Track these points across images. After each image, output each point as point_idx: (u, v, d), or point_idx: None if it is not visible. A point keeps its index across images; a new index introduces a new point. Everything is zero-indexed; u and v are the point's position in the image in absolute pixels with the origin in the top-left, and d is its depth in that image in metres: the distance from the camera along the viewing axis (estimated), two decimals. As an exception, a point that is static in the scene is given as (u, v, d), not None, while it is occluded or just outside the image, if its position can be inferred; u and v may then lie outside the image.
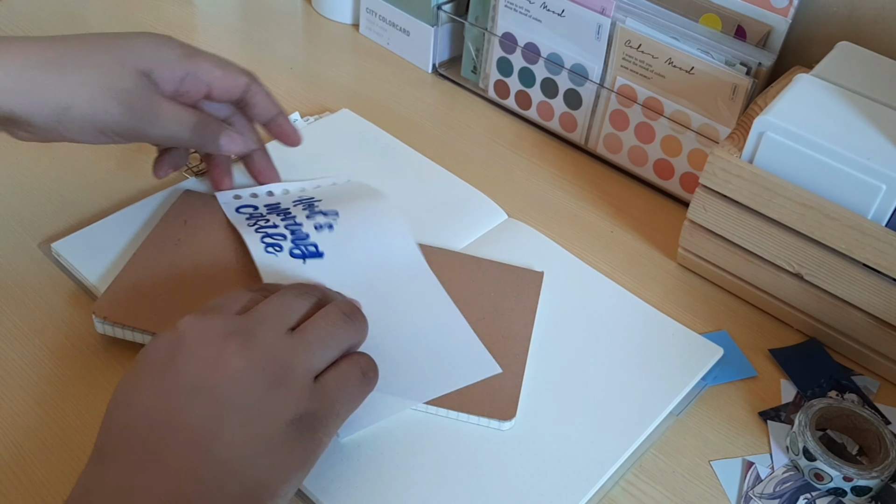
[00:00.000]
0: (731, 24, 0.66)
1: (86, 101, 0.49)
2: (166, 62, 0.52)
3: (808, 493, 0.50)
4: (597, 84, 0.72)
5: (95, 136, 0.50)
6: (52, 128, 0.49)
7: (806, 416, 0.51)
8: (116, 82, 0.49)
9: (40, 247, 0.60)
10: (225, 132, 0.54)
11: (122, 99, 0.49)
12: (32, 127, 0.49)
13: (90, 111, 0.49)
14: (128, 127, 0.50)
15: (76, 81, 0.48)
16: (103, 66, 0.49)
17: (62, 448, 0.48)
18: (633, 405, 0.52)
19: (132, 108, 0.50)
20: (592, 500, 0.48)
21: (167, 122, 0.52)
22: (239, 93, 0.56)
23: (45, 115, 0.48)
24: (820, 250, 0.55)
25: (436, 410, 0.50)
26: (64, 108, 0.48)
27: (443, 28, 0.81)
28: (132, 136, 0.51)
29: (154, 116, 0.51)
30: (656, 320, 0.58)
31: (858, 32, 0.66)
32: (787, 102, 0.55)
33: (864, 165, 0.51)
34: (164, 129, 0.52)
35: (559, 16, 0.70)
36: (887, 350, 0.56)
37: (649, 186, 0.72)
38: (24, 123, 0.49)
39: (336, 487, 0.46)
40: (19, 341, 0.54)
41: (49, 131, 0.49)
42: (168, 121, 0.52)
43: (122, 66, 0.50)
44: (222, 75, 0.54)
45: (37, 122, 0.48)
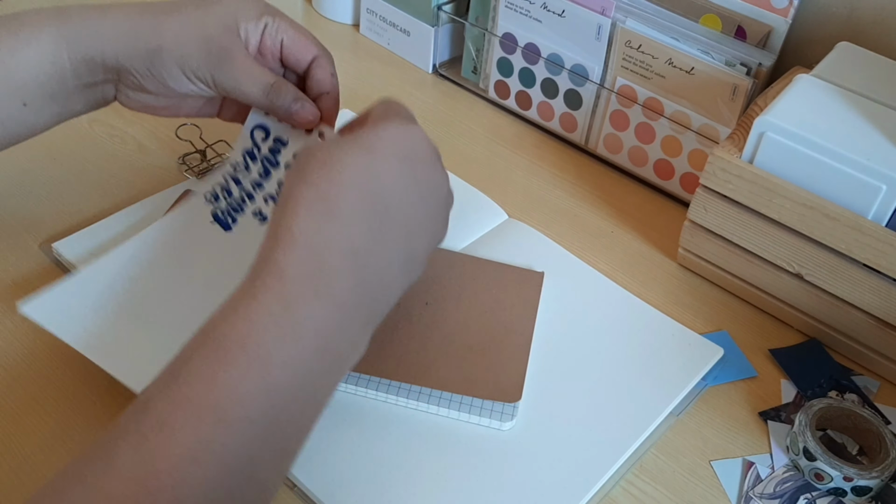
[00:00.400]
0: (731, 24, 0.66)
1: (173, 43, 0.52)
2: (250, 16, 0.55)
3: (808, 493, 0.50)
4: (597, 84, 0.72)
5: (181, 80, 0.54)
6: (148, 72, 0.53)
7: (806, 416, 0.51)
8: (201, 29, 0.53)
9: (41, 247, 0.60)
10: (299, 99, 0.55)
11: (203, 44, 0.53)
12: (133, 75, 0.53)
13: (176, 52, 0.52)
14: (206, 73, 0.53)
15: (167, 27, 0.53)
16: (192, 14, 0.53)
17: (62, 448, 0.48)
18: (634, 405, 0.52)
19: (211, 54, 0.53)
20: (593, 500, 0.48)
21: (241, 73, 0.53)
22: (308, 60, 0.57)
23: (141, 58, 0.53)
24: (820, 250, 0.55)
25: (437, 409, 0.50)
26: (155, 51, 0.52)
27: (443, 28, 0.81)
28: (211, 83, 0.54)
29: (230, 66, 0.53)
30: (656, 320, 0.58)
31: (858, 33, 0.66)
32: (788, 103, 0.55)
33: (864, 166, 0.51)
34: (237, 83, 0.54)
35: (559, 16, 0.71)
36: (887, 350, 0.56)
37: (649, 186, 0.72)
38: (126, 72, 0.53)
39: (336, 487, 0.46)
40: (19, 341, 0.54)
41: (146, 77, 0.53)
42: (243, 73, 0.53)
43: (207, 15, 0.54)
44: (296, 35, 0.56)
45: (136, 67, 0.53)
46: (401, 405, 0.51)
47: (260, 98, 0.54)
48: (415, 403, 0.50)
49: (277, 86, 0.54)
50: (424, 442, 0.49)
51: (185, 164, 0.66)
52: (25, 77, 0.52)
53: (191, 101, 0.58)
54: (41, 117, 0.54)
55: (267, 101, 0.54)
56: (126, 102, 0.56)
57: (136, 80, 0.54)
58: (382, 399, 0.51)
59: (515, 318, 0.55)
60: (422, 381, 0.50)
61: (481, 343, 0.53)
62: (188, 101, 0.58)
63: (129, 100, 0.56)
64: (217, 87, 0.54)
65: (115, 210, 0.61)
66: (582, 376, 0.54)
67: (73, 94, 0.54)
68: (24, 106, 0.53)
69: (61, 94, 0.54)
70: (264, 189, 0.58)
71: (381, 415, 0.50)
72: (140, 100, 0.56)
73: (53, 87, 0.53)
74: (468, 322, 0.55)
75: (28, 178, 0.65)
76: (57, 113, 0.55)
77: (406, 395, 0.51)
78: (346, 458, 0.48)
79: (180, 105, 0.58)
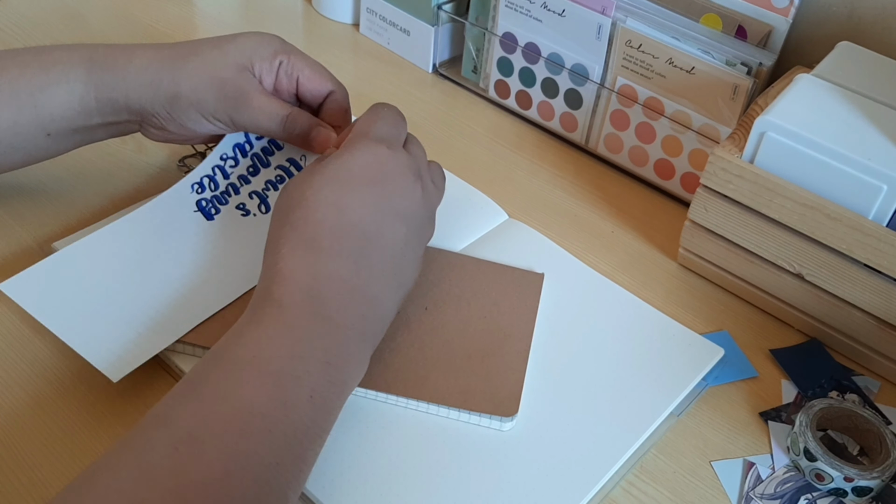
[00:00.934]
0: (731, 24, 0.66)
1: (190, 89, 0.55)
2: (265, 55, 0.57)
3: (808, 494, 0.50)
4: (597, 84, 0.72)
5: (201, 122, 0.56)
6: (169, 116, 0.56)
7: (807, 416, 0.51)
8: (217, 72, 0.55)
9: (41, 247, 0.60)
10: (316, 128, 0.57)
11: (219, 87, 0.55)
12: (156, 118, 0.56)
13: (193, 98, 0.55)
14: (223, 115, 0.56)
15: (184, 74, 0.55)
16: (208, 59, 0.56)
17: (62, 448, 0.48)
18: (634, 405, 0.52)
19: (227, 97, 0.55)
20: (593, 501, 0.48)
21: (258, 112, 0.56)
22: (324, 94, 0.59)
23: (162, 104, 0.55)
24: (821, 250, 0.55)
25: (437, 410, 0.50)
26: (174, 97, 0.55)
27: (443, 28, 0.81)
28: (229, 123, 0.57)
29: (245, 106, 0.55)
30: (657, 320, 0.58)
31: (859, 32, 0.66)
32: (788, 102, 0.55)
33: (865, 166, 0.51)
34: (254, 120, 0.56)
35: (560, 16, 0.70)
36: (888, 350, 0.56)
37: (650, 186, 0.72)
38: (149, 116, 0.56)
39: (336, 487, 0.46)
40: (19, 341, 0.54)
41: (168, 120, 0.56)
42: (258, 111, 0.56)
43: (224, 58, 0.56)
44: (311, 73, 0.58)
45: (158, 112, 0.56)
46: (400, 405, 0.51)
47: (278, 131, 0.56)
48: (414, 403, 0.50)
49: (293, 117, 0.56)
50: (424, 441, 0.49)
51: (185, 166, 0.66)
52: (53, 112, 0.55)
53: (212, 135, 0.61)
54: (63, 145, 0.58)
55: (285, 133, 0.56)
56: (149, 136, 0.59)
57: (158, 122, 0.57)
58: (382, 399, 0.51)
59: (515, 322, 0.55)
60: (419, 395, 0.50)
61: (480, 350, 0.53)
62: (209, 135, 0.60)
63: (153, 135, 0.59)
64: (235, 125, 0.57)
65: (115, 210, 0.61)
66: (582, 376, 0.54)
67: (97, 128, 0.58)
68: (47, 136, 0.56)
69: (85, 128, 0.57)
70: (250, 185, 0.59)
71: (381, 414, 0.50)
72: (163, 136, 0.59)
73: (78, 123, 0.56)
74: (467, 328, 0.55)
75: (28, 178, 0.65)
76: (79, 141, 0.59)
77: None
78: (346, 457, 0.48)
79: (204, 136, 0.60)
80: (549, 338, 0.56)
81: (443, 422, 0.50)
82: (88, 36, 0.83)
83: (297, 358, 0.43)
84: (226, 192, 0.59)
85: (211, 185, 0.59)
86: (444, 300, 0.56)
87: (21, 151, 0.56)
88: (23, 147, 0.56)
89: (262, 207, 0.59)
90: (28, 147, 0.56)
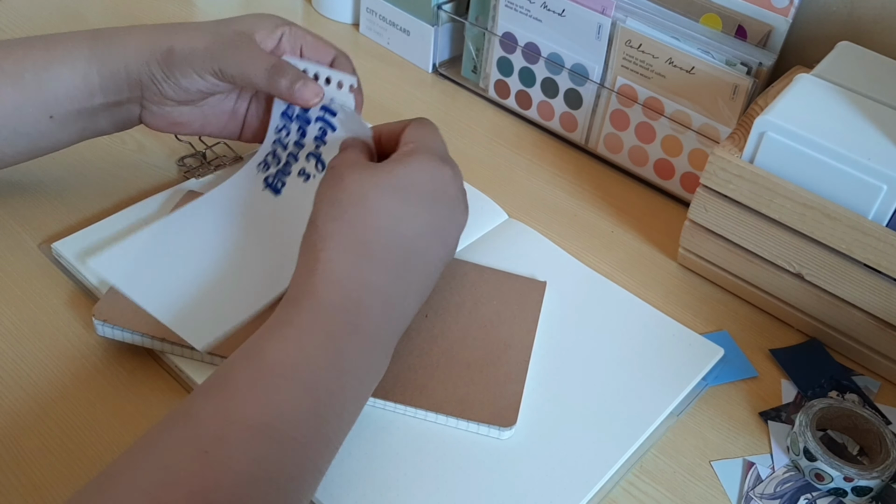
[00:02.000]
0: (731, 23, 0.66)
1: (183, 43, 0.55)
2: (266, 26, 0.57)
3: (808, 494, 0.50)
4: (597, 84, 0.72)
5: (193, 78, 0.55)
6: (163, 76, 0.55)
7: (806, 416, 0.51)
8: (213, 32, 0.56)
9: (40, 247, 0.60)
10: (301, 79, 0.55)
11: (211, 39, 0.55)
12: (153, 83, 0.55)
13: (186, 49, 0.55)
14: (213, 65, 0.55)
15: (180, 32, 0.56)
16: (207, 23, 0.57)
17: (62, 448, 0.48)
18: (634, 405, 0.52)
19: (217, 47, 0.55)
20: (593, 501, 0.48)
21: (245, 59, 0.55)
22: (328, 61, 0.59)
23: (157, 62, 0.55)
24: (820, 250, 0.55)
25: (435, 418, 0.50)
26: (167, 52, 0.55)
27: (443, 28, 0.81)
28: (218, 73, 0.55)
29: (234, 53, 0.55)
30: (657, 320, 0.58)
31: (858, 32, 0.66)
32: (788, 102, 0.55)
33: (864, 165, 0.51)
34: (240, 67, 0.55)
35: (559, 15, 0.70)
36: (888, 350, 0.56)
37: (650, 186, 0.72)
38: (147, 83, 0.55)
39: (337, 488, 0.46)
40: (19, 341, 0.54)
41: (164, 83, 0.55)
42: (246, 58, 0.55)
43: (222, 24, 0.57)
44: (314, 40, 0.59)
45: (154, 74, 0.55)
46: (399, 412, 0.50)
47: (262, 79, 0.55)
48: (413, 410, 0.50)
49: (278, 65, 0.55)
50: (425, 443, 0.49)
51: (184, 166, 0.66)
52: (56, 91, 0.55)
53: (212, 114, 0.60)
54: (66, 132, 0.57)
55: (270, 82, 0.55)
56: (151, 121, 0.59)
57: (156, 88, 0.56)
58: (381, 406, 0.51)
59: (515, 332, 0.55)
60: (418, 403, 0.50)
61: (480, 360, 0.53)
62: (210, 115, 0.60)
63: (154, 116, 0.58)
64: (224, 76, 0.55)
65: (115, 210, 0.61)
66: (582, 376, 0.54)
67: (100, 111, 0.57)
68: (50, 119, 0.56)
69: (88, 110, 0.57)
70: (304, 147, 0.59)
71: (381, 421, 0.50)
72: (163, 114, 0.58)
73: (81, 103, 0.56)
74: (467, 336, 0.54)
75: (28, 178, 0.65)
76: (82, 129, 0.58)
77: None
78: (346, 464, 0.48)
79: (204, 121, 0.60)
80: (549, 338, 0.56)
81: (442, 429, 0.50)
82: (88, 36, 0.83)
83: (333, 371, 0.43)
84: (287, 162, 0.60)
85: (274, 161, 0.60)
86: (444, 308, 0.56)
87: (25, 137, 0.56)
88: (26, 132, 0.55)
89: (319, 166, 0.59)
90: (31, 132, 0.55)
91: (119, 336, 0.52)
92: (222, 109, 0.60)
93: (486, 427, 0.50)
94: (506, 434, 0.50)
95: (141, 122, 0.59)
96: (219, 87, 0.56)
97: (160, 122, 0.59)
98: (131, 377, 0.52)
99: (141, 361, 0.53)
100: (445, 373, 0.52)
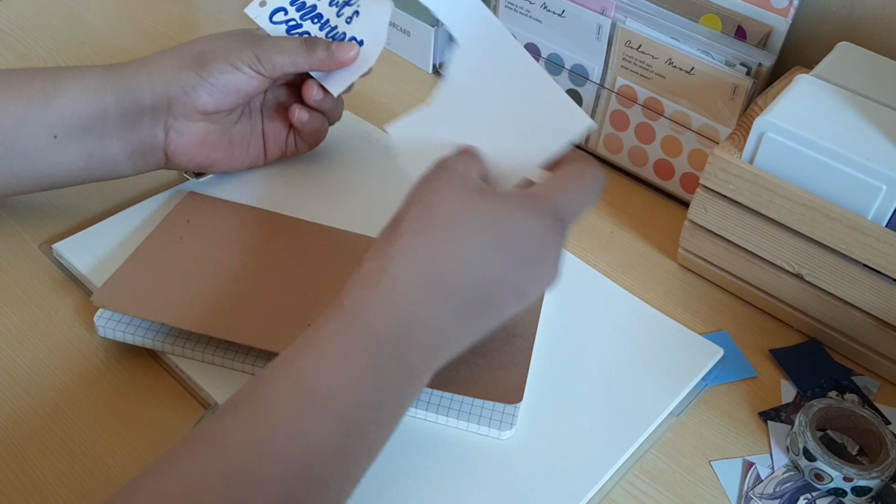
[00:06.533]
0: (731, 24, 0.66)
1: (213, 45, 0.57)
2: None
3: (808, 494, 0.50)
4: (597, 84, 0.72)
5: (230, 72, 0.56)
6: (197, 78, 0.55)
7: (806, 416, 0.51)
8: (238, 31, 0.59)
9: (41, 247, 0.60)
10: (334, 42, 0.59)
11: (240, 34, 0.58)
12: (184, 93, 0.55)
13: (217, 47, 0.56)
14: (249, 54, 0.56)
15: (204, 41, 0.57)
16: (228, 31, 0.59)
17: (62, 448, 0.48)
18: (634, 405, 0.52)
19: (248, 39, 0.57)
20: (593, 501, 0.48)
21: (279, 41, 0.58)
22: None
23: (189, 66, 0.56)
24: (820, 250, 0.55)
25: (435, 418, 0.50)
26: (199, 54, 0.56)
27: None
28: (256, 63, 0.57)
29: (267, 40, 0.58)
30: (656, 321, 0.58)
31: (858, 32, 0.66)
32: (788, 103, 0.55)
33: (864, 166, 0.51)
34: (278, 48, 0.57)
35: (559, 16, 0.71)
36: (887, 350, 0.56)
37: (649, 186, 0.72)
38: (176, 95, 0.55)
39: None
40: (20, 342, 0.54)
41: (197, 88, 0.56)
42: (279, 41, 0.58)
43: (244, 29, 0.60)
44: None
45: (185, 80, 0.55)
46: None
47: (301, 51, 0.58)
48: (413, 411, 0.50)
49: (311, 40, 0.59)
50: (424, 448, 0.49)
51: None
52: (62, 106, 0.53)
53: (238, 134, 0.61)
54: (68, 154, 0.54)
55: (309, 54, 0.58)
56: (178, 143, 0.57)
57: (188, 99, 0.56)
58: None
59: (519, 321, 0.55)
60: None
61: (484, 346, 0.53)
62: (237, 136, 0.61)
63: (181, 136, 0.57)
64: (262, 62, 0.57)
65: (115, 211, 0.61)
66: (582, 377, 0.54)
67: (112, 133, 0.55)
68: (53, 139, 0.54)
69: (97, 130, 0.54)
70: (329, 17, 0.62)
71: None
72: (192, 133, 0.57)
73: (89, 120, 0.54)
74: None
75: (28, 179, 0.65)
76: (88, 153, 0.55)
77: None
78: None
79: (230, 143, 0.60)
80: (548, 337, 0.56)
81: (442, 429, 0.50)
82: (88, 36, 0.83)
83: (371, 408, 0.40)
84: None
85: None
86: None
87: (22, 157, 0.53)
88: (24, 151, 0.53)
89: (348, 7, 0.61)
90: (30, 151, 0.53)
91: (120, 337, 0.52)
92: (243, 130, 0.61)
93: (486, 428, 0.50)
94: (506, 434, 0.50)
95: (165, 153, 0.57)
96: (254, 82, 0.57)
97: (187, 144, 0.57)
98: (132, 378, 0.52)
99: (142, 362, 0.53)
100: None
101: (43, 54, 0.80)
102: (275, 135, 0.64)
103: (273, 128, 0.63)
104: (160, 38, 0.84)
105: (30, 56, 0.80)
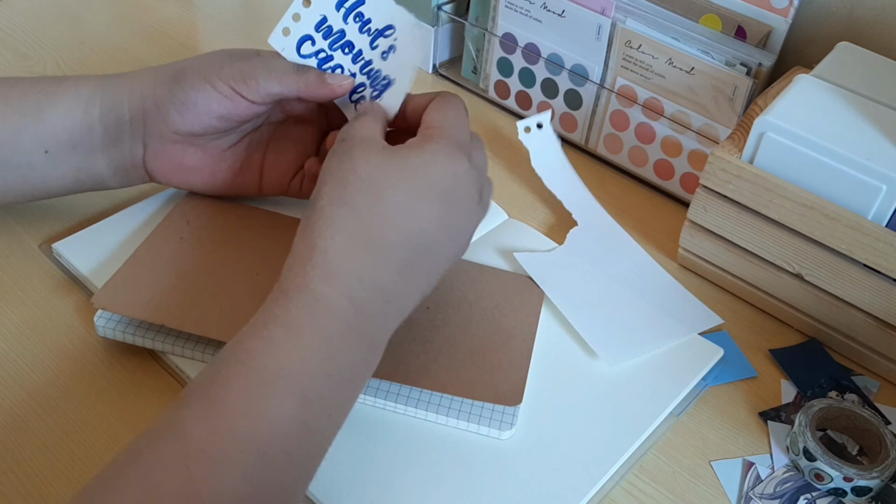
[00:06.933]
0: (731, 24, 0.66)
1: (195, 62, 0.53)
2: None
3: (808, 494, 0.50)
4: (597, 84, 0.72)
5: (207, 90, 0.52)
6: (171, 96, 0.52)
7: (806, 416, 0.51)
8: (227, 50, 0.54)
9: (41, 247, 0.60)
10: (322, 74, 0.53)
11: (226, 53, 0.53)
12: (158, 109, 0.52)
13: (198, 65, 0.52)
14: (233, 71, 0.52)
15: (191, 60, 0.54)
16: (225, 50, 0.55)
17: (62, 448, 0.48)
18: (634, 405, 0.52)
19: (234, 57, 0.53)
20: (593, 501, 0.48)
21: (273, 66, 0.52)
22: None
23: (165, 83, 0.53)
24: (820, 251, 0.55)
25: (435, 418, 0.50)
26: (178, 72, 0.53)
27: (443, 28, 0.81)
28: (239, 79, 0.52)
29: (255, 58, 0.53)
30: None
31: (858, 32, 0.66)
32: (788, 103, 0.55)
33: (864, 166, 0.51)
34: (272, 70, 0.52)
35: (559, 16, 0.71)
36: (887, 350, 0.56)
37: (649, 187, 0.72)
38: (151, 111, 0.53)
39: (337, 488, 0.46)
40: (19, 341, 0.54)
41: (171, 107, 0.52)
42: (274, 65, 0.52)
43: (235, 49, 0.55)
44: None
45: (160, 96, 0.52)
46: (399, 412, 0.51)
47: (291, 74, 0.52)
48: (413, 411, 0.50)
49: (302, 67, 0.53)
50: (424, 448, 0.49)
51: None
52: (54, 122, 0.53)
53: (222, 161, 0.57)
54: (59, 169, 0.54)
55: (297, 73, 0.52)
56: (155, 163, 0.55)
57: (161, 115, 0.53)
58: (381, 406, 0.51)
59: (517, 324, 0.55)
60: (421, 384, 0.50)
61: (483, 347, 0.53)
62: (221, 163, 0.57)
63: (157, 156, 0.55)
64: (245, 80, 0.51)
65: (115, 210, 0.61)
66: (581, 377, 0.54)
67: (98, 149, 0.54)
68: (45, 154, 0.53)
69: (85, 146, 0.54)
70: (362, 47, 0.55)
71: (380, 422, 0.50)
72: (167, 154, 0.55)
73: (79, 137, 0.53)
74: (469, 327, 0.55)
75: (28, 179, 0.65)
76: (77, 168, 0.55)
77: (405, 403, 0.50)
78: (346, 464, 0.48)
79: (214, 169, 0.57)
80: (548, 338, 0.56)
81: (442, 429, 0.50)
82: (88, 36, 0.83)
83: (326, 376, 0.40)
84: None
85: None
86: (446, 301, 0.56)
87: (15, 170, 0.53)
88: (17, 164, 0.53)
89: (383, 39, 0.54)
90: (23, 165, 0.53)
91: (120, 337, 0.52)
92: (234, 158, 0.57)
93: (486, 428, 0.50)
94: (506, 434, 0.50)
95: (146, 170, 0.56)
96: (229, 104, 0.52)
97: (165, 165, 0.55)
98: (132, 377, 0.52)
99: (141, 361, 0.53)
100: (448, 358, 0.52)
101: (43, 54, 0.80)
102: (278, 172, 0.58)
103: (277, 164, 0.58)
104: (160, 38, 0.84)
105: (30, 56, 0.80)
